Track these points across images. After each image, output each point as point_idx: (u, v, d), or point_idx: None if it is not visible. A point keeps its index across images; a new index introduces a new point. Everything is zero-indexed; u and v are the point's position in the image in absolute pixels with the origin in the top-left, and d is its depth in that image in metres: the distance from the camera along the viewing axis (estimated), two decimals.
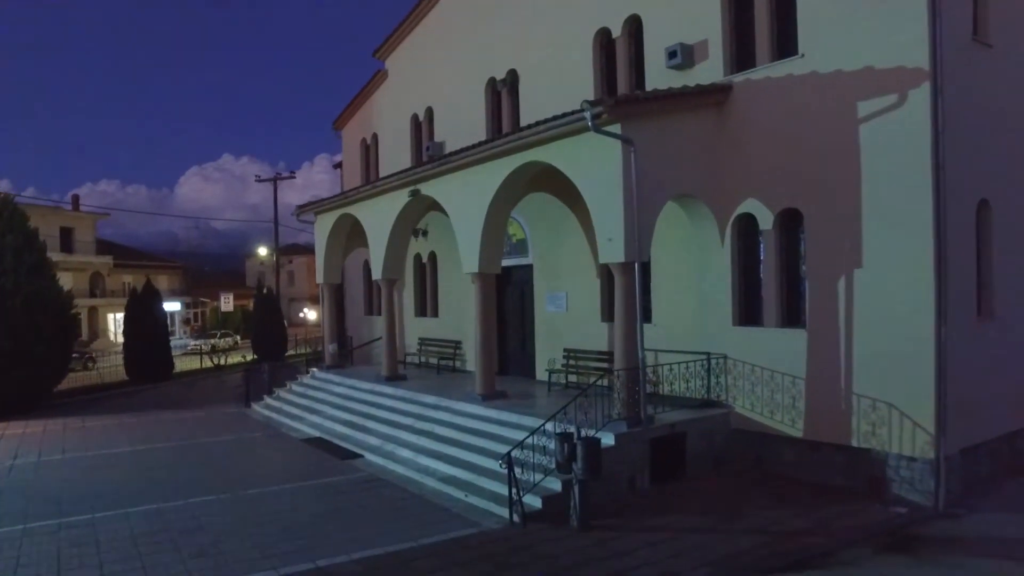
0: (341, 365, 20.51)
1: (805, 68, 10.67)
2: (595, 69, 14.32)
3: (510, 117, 16.75)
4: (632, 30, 13.64)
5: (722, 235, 11.91)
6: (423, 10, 19.41)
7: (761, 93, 11.26)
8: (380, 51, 21.15)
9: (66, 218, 46.08)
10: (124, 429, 17.16)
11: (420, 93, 19.86)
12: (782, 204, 11.11)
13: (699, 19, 12.14)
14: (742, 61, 11.80)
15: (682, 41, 12.26)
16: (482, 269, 13.53)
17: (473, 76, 17.67)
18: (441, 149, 18.80)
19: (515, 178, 12.75)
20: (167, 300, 53.40)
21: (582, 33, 14.44)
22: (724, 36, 11.86)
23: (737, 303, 11.90)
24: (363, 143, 22.90)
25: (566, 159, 11.33)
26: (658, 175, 10.74)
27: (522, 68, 16.17)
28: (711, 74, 11.94)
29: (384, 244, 16.59)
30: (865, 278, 10.13)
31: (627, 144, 10.26)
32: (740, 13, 11.85)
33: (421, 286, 20.42)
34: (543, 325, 15.77)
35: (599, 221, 10.79)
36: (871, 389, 10.10)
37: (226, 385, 25.62)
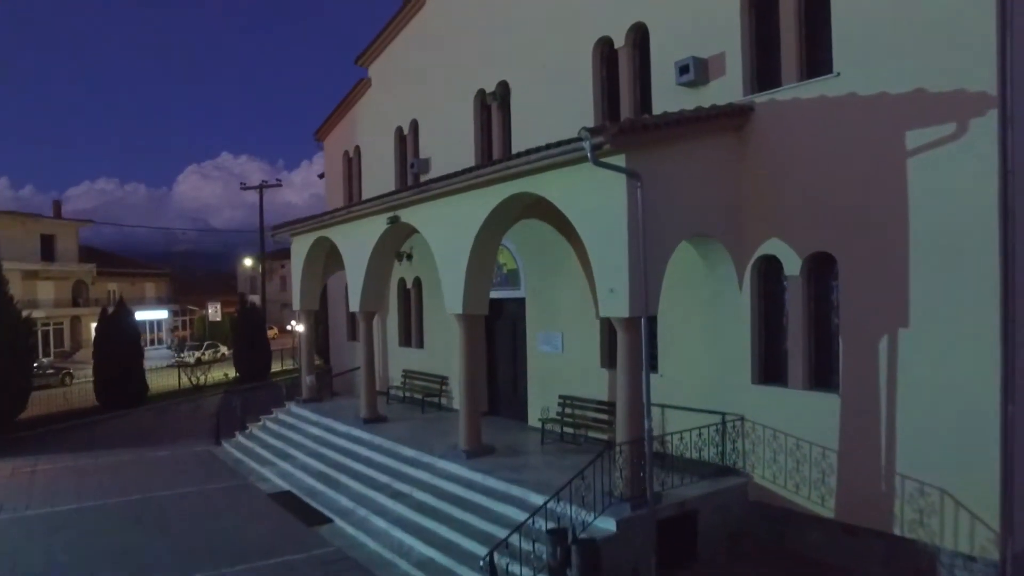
0: (319, 398, 18.98)
1: (841, 89, 9.10)
2: (595, 83, 12.73)
3: (501, 134, 15.17)
4: (637, 40, 12.06)
5: (740, 279, 10.35)
6: (407, 15, 17.82)
7: (788, 116, 9.69)
8: (363, 58, 19.56)
9: (47, 225, 44.50)
10: (78, 476, 15.60)
11: (404, 104, 18.28)
12: (812, 247, 9.54)
13: (714, 30, 10.56)
14: (765, 78, 10.22)
15: (695, 55, 10.67)
16: (467, 310, 11.99)
17: (461, 88, 16.08)
18: (426, 166, 17.25)
19: (504, 209, 11.20)
20: (153, 308, 52.14)
21: (581, 43, 12.85)
22: (744, 49, 10.27)
23: (757, 357, 10.34)
24: (345, 156, 21.32)
25: (561, 193, 9.77)
26: (669, 214, 9.18)
27: (514, 80, 14.58)
28: (729, 93, 10.37)
29: (362, 273, 15.04)
30: (913, 338, 8.57)
31: (633, 179, 8.71)
32: (762, 23, 10.26)
33: (405, 314, 18.85)
34: (536, 366, 14.21)
35: (600, 268, 9.23)
36: (919, 470, 8.55)
37: (201, 411, 24.09)
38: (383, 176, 19.21)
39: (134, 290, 50.64)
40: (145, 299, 51.42)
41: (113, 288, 49.01)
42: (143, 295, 51.37)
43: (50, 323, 44.45)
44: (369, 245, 14.68)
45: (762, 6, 10.24)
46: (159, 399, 26.28)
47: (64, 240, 45.37)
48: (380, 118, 19.39)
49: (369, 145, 20.13)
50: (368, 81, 19.78)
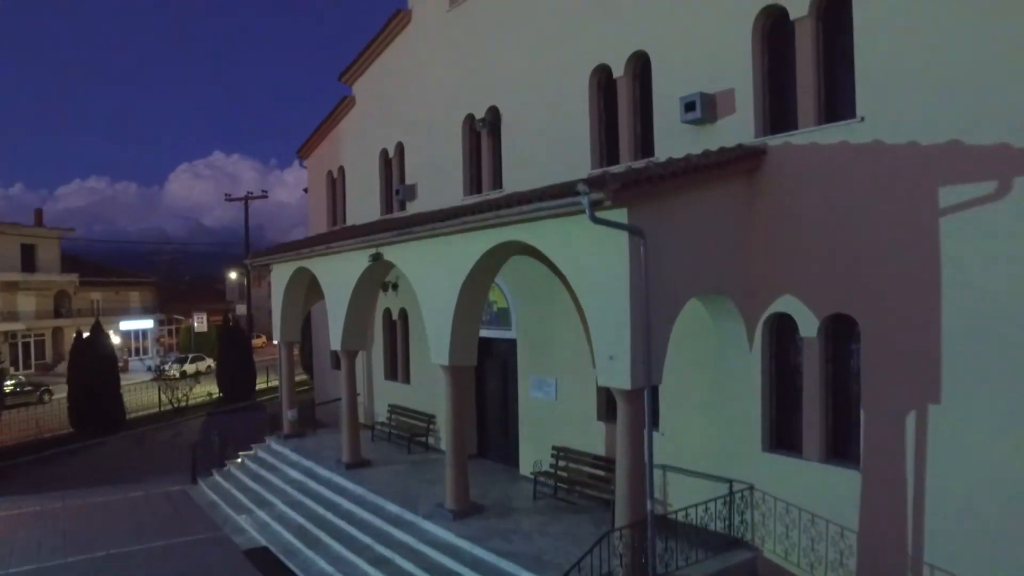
0: (302, 432, 18.05)
1: (865, 135, 8.24)
2: (592, 112, 11.84)
3: (491, 161, 14.26)
4: (637, 70, 11.18)
5: (750, 337, 9.50)
6: (391, 33, 16.89)
7: (804, 162, 8.83)
8: (346, 75, 18.61)
9: (27, 235, 43.32)
10: (32, 526, 14.59)
11: (390, 125, 17.34)
12: (830, 307, 8.68)
13: (723, 63, 9.69)
14: (779, 119, 9.36)
15: (702, 90, 9.80)
16: (454, 361, 11.11)
17: (449, 111, 15.17)
18: (413, 193, 16.35)
19: (494, 254, 10.33)
20: (138, 318, 51.01)
21: (577, 70, 11.96)
22: (756, 86, 9.40)
23: (768, 422, 9.50)
24: (329, 176, 20.37)
25: (556, 245, 8.89)
26: (676, 271, 8.32)
27: (505, 106, 13.67)
28: (739, 133, 9.51)
29: (344, 310, 14.12)
30: (945, 416, 7.73)
31: (636, 235, 7.84)
32: (776, 59, 9.39)
33: (391, 346, 17.94)
34: (528, 411, 13.33)
35: (598, 332, 8.36)
36: (951, 561, 7.72)
37: (181, 439, 23.11)
38: (368, 200, 18.30)
39: (118, 300, 49.56)
40: (130, 309, 50.32)
41: (97, 298, 47.94)
42: (127, 305, 50.25)
43: (31, 335, 43.34)
44: (351, 280, 13.78)
45: (776, 40, 9.38)
46: (137, 424, 25.28)
47: (46, 249, 44.21)
48: (364, 139, 18.46)
49: (353, 166, 19.19)
50: (352, 99, 18.84)
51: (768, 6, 9.19)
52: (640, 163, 10.87)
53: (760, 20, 9.32)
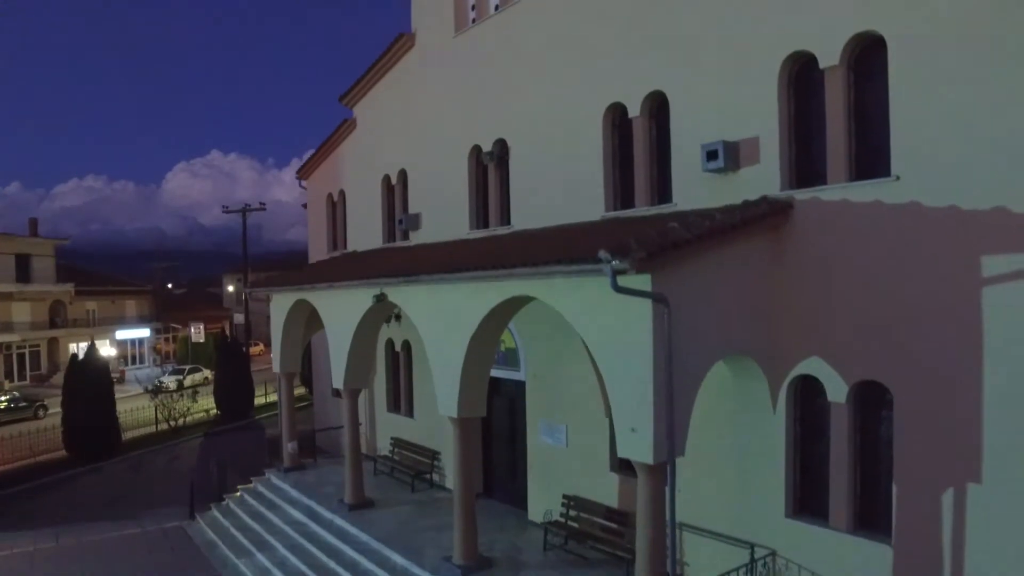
0: (302, 464, 17.60)
1: (901, 196, 7.81)
2: (605, 152, 11.38)
3: (498, 196, 13.80)
4: (654, 110, 10.72)
5: (774, 398, 9.07)
6: (394, 55, 16.40)
7: (834, 219, 8.38)
8: (347, 97, 18.12)
9: (22, 245, 42.75)
10: (32, 566, 14.19)
11: (392, 151, 16.86)
12: (860, 373, 8.25)
13: (747, 109, 9.23)
14: (807, 172, 8.91)
15: (724, 137, 9.35)
16: (462, 413, 10.67)
17: (454, 140, 14.70)
18: (416, 222, 15.89)
19: (505, 307, 9.88)
20: (135, 326, 50.49)
21: (589, 106, 11.50)
22: (782, 136, 8.95)
23: (792, 486, 9.06)
24: (329, 198, 19.89)
25: (573, 307, 8.45)
26: (700, 337, 7.90)
27: (513, 139, 13.20)
28: (763, 184, 9.06)
29: (346, 348, 13.67)
30: (987, 496, 7.31)
31: (660, 303, 7.41)
32: (804, 108, 8.94)
33: (394, 377, 17.48)
34: (537, 456, 12.90)
35: (618, 401, 7.92)
36: None
37: (178, 464, 22.68)
38: (369, 226, 17.84)
39: (115, 308, 49.02)
40: (126, 317, 49.78)
41: (92, 307, 47.40)
42: (124, 313, 49.72)
43: (26, 346, 42.81)
44: (354, 318, 13.32)
45: (804, 87, 8.92)
46: (134, 446, 24.79)
47: (40, 259, 43.64)
48: (366, 163, 17.98)
49: (354, 190, 18.71)
50: (353, 122, 18.36)
51: (796, 52, 8.74)
52: (656, 210, 10.47)
53: (787, 65, 8.88)
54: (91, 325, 46.89)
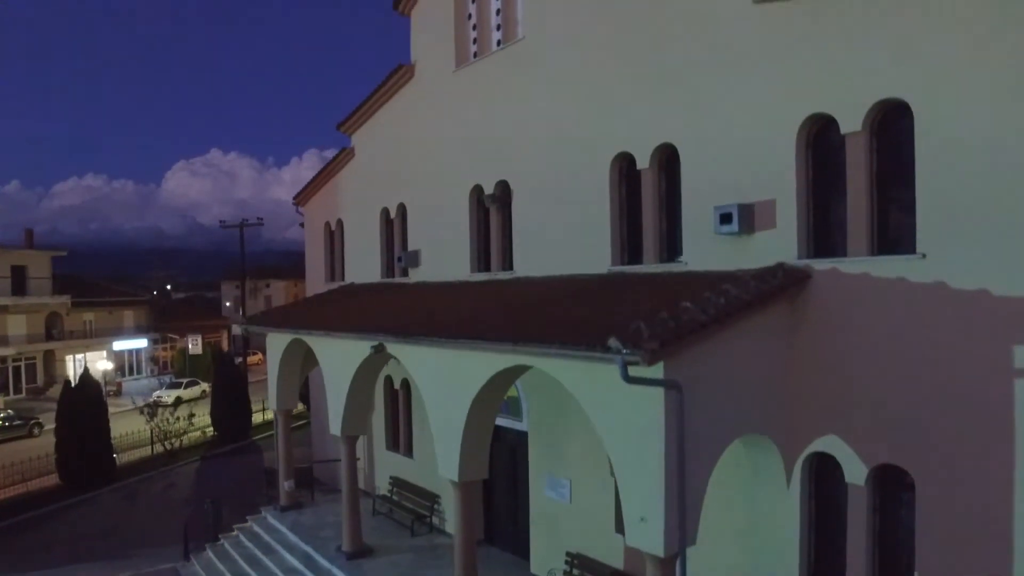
0: (300, 503, 17.20)
1: (926, 274, 7.40)
2: (612, 202, 10.96)
3: (500, 238, 13.38)
4: (664, 162, 10.31)
5: (788, 474, 8.67)
6: (394, 86, 15.98)
7: (854, 294, 7.98)
8: (345, 125, 17.70)
9: (18, 257, 42.28)
10: None
11: (391, 184, 16.44)
12: (881, 456, 7.85)
13: (762, 169, 8.81)
14: (825, 241, 8.50)
15: (738, 198, 8.94)
16: (464, 477, 10.28)
17: (454, 178, 14.27)
18: (415, 259, 15.48)
19: (511, 371, 9.48)
20: (132, 337, 50.07)
21: (595, 153, 11.09)
22: (800, 201, 8.54)
23: (806, 565, 8.67)
24: (327, 227, 19.46)
25: (581, 386, 8.05)
26: (714, 420, 7.51)
27: (515, 182, 12.79)
28: (779, 249, 8.65)
29: (344, 394, 13.25)
30: None
31: (673, 389, 7.03)
32: (824, 171, 8.51)
33: (393, 415, 17.09)
34: (541, 509, 12.50)
35: (628, 488, 7.54)
36: None
37: (174, 491, 22.29)
38: (368, 259, 17.42)
39: (112, 319, 48.57)
40: (123, 328, 49.33)
41: (89, 318, 46.96)
42: (121, 324, 49.27)
43: (21, 359, 42.38)
44: (351, 365, 12.90)
45: (824, 150, 8.50)
46: (128, 471, 24.36)
47: (36, 271, 43.19)
48: (364, 194, 17.55)
49: (352, 221, 18.27)
50: (351, 151, 17.94)
51: (816, 114, 8.33)
52: (665, 268, 10.05)
53: (807, 126, 8.46)
54: (88, 336, 46.47)
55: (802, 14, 8.35)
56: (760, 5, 8.72)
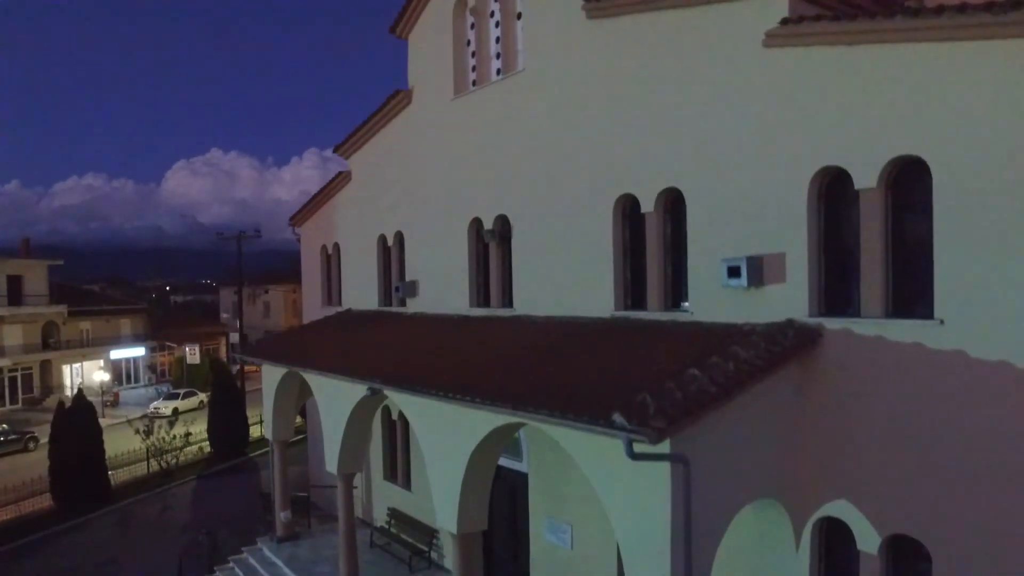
0: (296, 534, 16.90)
1: (944, 341, 7.08)
2: (615, 244, 10.63)
3: (500, 273, 13.05)
4: (669, 205, 10.00)
5: (797, 538, 8.36)
6: (391, 111, 15.66)
7: (867, 356, 7.65)
8: (342, 148, 17.39)
9: (14, 266, 41.96)
10: None
11: (388, 211, 16.11)
12: (894, 526, 7.54)
13: (772, 220, 8.49)
14: (838, 298, 8.19)
15: (746, 250, 8.63)
16: (463, 529, 9.97)
17: (453, 210, 13.95)
18: (413, 290, 15.16)
19: (510, 428, 9.17)
20: (129, 346, 49.80)
21: (598, 192, 10.76)
22: (811, 255, 8.22)
23: None
24: (323, 250, 19.14)
25: (582, 452, 7.73)
26: (722, 491, 7.22)
27: (515, 216, 12.46)
28: (789, 305, 8.33)
29: (340, 432, 12.95)
30: None
31: (680, 463, 6.73)
32: (837, 225, 8.19)
33: (391, 446, 16.78)
34: (542, 553, 12.20)
35: (632, 562, 7.23)
36: None
37: (170, 514, 21.98)
38: (366, 285, 17.09)
39: (109, 328, 48.27)
40: (121, 337, 49.03)
41: (87, 327, 46.66)
42: (118, 333, 48.95)
43: (18, 369, 42.07)
44: (348, 404, 12.60)
45: (837, 202, 8.17)
46: (123, 493, 24.01)
47: (33, 280, 42.88)
48: (361, 220, 17.23)
49: (349, 246, 17.94)
50: (348, 175, 17.62)
51: (829, 167, 8.01)
52: (670, 316, 9.72)
53: (819, 178, 8.15)
54: (85, 345, 46.18)
55: (814, 62, 8.03)
56: (771, 50, 8.40)
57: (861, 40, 7.57)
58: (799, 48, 8.14)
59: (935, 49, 7.03)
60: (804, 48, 8.09)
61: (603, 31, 10.59)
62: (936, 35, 6.97)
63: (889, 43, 7.37)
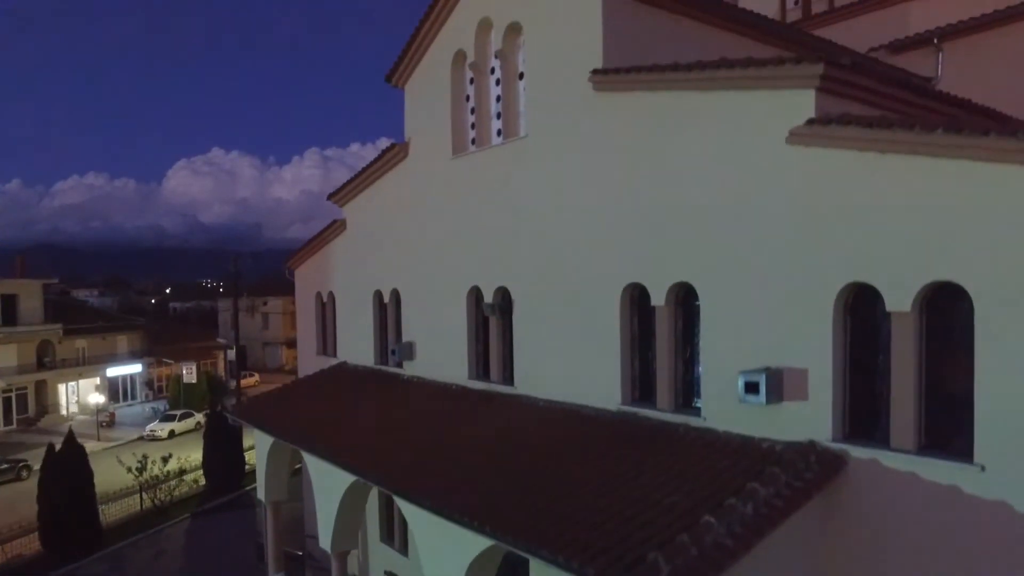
0: None
1: (986, 489, 6.44)
2: (623, 334, 9.96)
3: (500, 346, 12.40)
4: (681, 298, 9.38)
5: None
6: (387, 164, 15.05)
7: (898, 492, 7.02)
8: (337, 196, 16.80)
9: (9, 286, 41.46)
10: None
11: (384, 265, 15.49)
12: None
13: (794, 332, 7.86)
14: (864, 422, 7.56)
15: (766, 362, 8.02)
16: None
17: (451, 274, 13.31)
18: (410, 352, 14.56)
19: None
20: (126, 363, 49.28)
21: (605, 277, 10.13)
22: (836, 375, 7.58)
23: None
24: (318, 297, 18.55)
25: None
26: None
27: (516, 291, 11.81)
28: (810, 424, 7.72)
29: (334, 510, 12.37)
30: None
31: None
32: (865, 344, 7.55)
33: (387, 507, 16.18)
34: None
35: None
36: None
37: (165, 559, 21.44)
38: (362, 338, 16.48)
39: (105, 345, 47.74)
40: (117, 354, 48.50)
41: (83, 345, 46.13)
42: (115, 350, 48.42)
43: (12, 389, 41.54)
44: (341, 484, 12.01)
45: (865, 318, 7.53)
46: (115, 534, 23.45)
47: (28, 299, 42.32)
48: (356, 271, 16.61)
49: (344, 297, 17.31)
50: (343, 223, 17.01)
51: (857, 283, 7.40)
52: (682, 419, 9.06)
53: (846, 292, 7.53)
54: (81, 364, 45.67)
55: (842, 166, 7.39)
56: (796, 147, 7.77)
57: (894, 150, 6.95)
58: (826, 149, 7.52)
59: (979, 169, 6.41)
60: (831, 150, 7.47)
61: (612, 105, 9.96)
62: (980, 156, 6.35)
63: (925, 156, 6.76)
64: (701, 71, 8.61)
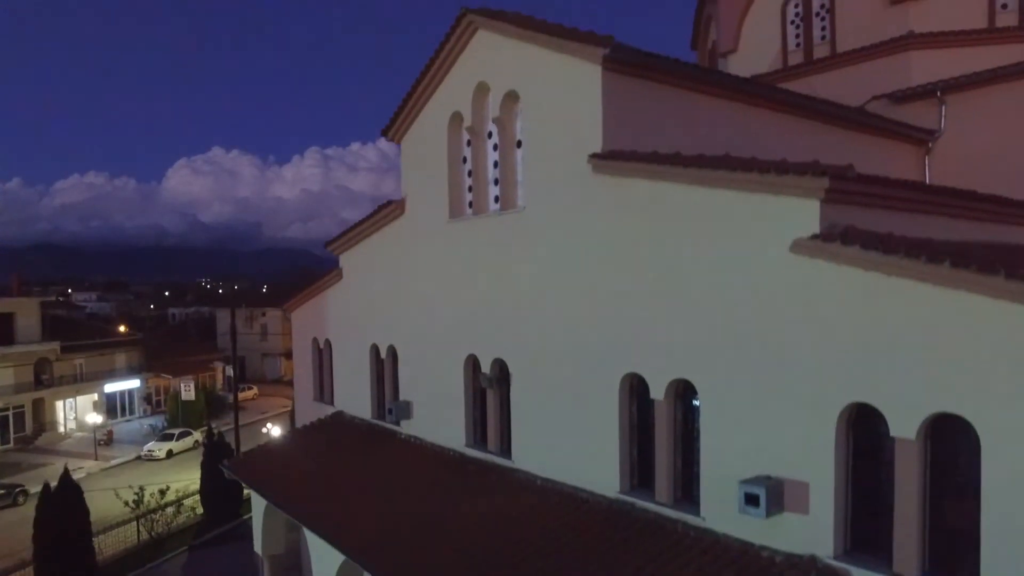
0: None
1: None
2: (622, 423, 9.80)
3: (498, 416, 12.26)
4: (681, 392, 9.23)
5: None
6: (383, 219, 14.90)
7: None
8: (333, 245, 16.66)
9: (6, 304, 41.30)
10: None
11: (380, 320, 15.33)
12: None
13: (795, 444, 7.72)
14: (866, 542, 7.42)
15: (766, 471, 7.90)
16: None
17: (447, 339, 13.15)
18: (407, 411, 14.44)
19: None
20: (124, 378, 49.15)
21: (604, 367, 9.93)
22: (838, 490, 7.45)
23: None
24: (315, 343, 18.40)
25: None
26: None
27: (514, 364, 11.64)
28: (810, 537, 7.58)
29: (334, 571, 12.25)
30: None
31: None
32: (867, 458, 7.42)
33: None
34: None
35: None
36: None
37: None
38: (358, 391, 16.33)
39: (103, 361, 47.61)
40: (115, 369, 48.36)
41: (80, 362, 46.00)
42: (112, 366, 48.28)
43: (9, 408, 41.39)
44: (338, 558, 11.88)
45: (868, 438, 7.39)
46: (112, 570, 23.34)
47: (25, 317, 42.15)
48: (352, 322, 16.46)
49: (341, 346, 17.15)
50: (339, 272, 16.85)
51: (860, 403, 7.25)
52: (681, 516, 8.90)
53: (850, 411, 7.39)
54: (79, 380, 45.54)
55: (845, 282, 7.24)
56: (799, 257, 7.62)
57: (900, 274, 6.80)
58: (831, 263, 7.37)
59: (988, 305, 6.26)
60: (836, 265, 7.32)
61: (613, 187, 9.79)
62: (988, 293, 6.20)
63: (932, 284, 6.61)
64: (700, 169, 8.45)
